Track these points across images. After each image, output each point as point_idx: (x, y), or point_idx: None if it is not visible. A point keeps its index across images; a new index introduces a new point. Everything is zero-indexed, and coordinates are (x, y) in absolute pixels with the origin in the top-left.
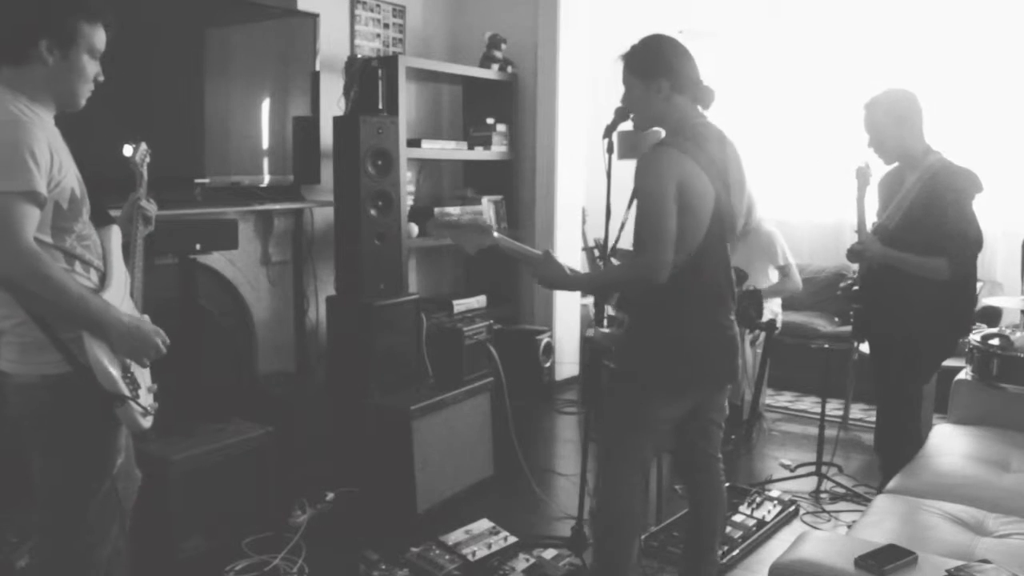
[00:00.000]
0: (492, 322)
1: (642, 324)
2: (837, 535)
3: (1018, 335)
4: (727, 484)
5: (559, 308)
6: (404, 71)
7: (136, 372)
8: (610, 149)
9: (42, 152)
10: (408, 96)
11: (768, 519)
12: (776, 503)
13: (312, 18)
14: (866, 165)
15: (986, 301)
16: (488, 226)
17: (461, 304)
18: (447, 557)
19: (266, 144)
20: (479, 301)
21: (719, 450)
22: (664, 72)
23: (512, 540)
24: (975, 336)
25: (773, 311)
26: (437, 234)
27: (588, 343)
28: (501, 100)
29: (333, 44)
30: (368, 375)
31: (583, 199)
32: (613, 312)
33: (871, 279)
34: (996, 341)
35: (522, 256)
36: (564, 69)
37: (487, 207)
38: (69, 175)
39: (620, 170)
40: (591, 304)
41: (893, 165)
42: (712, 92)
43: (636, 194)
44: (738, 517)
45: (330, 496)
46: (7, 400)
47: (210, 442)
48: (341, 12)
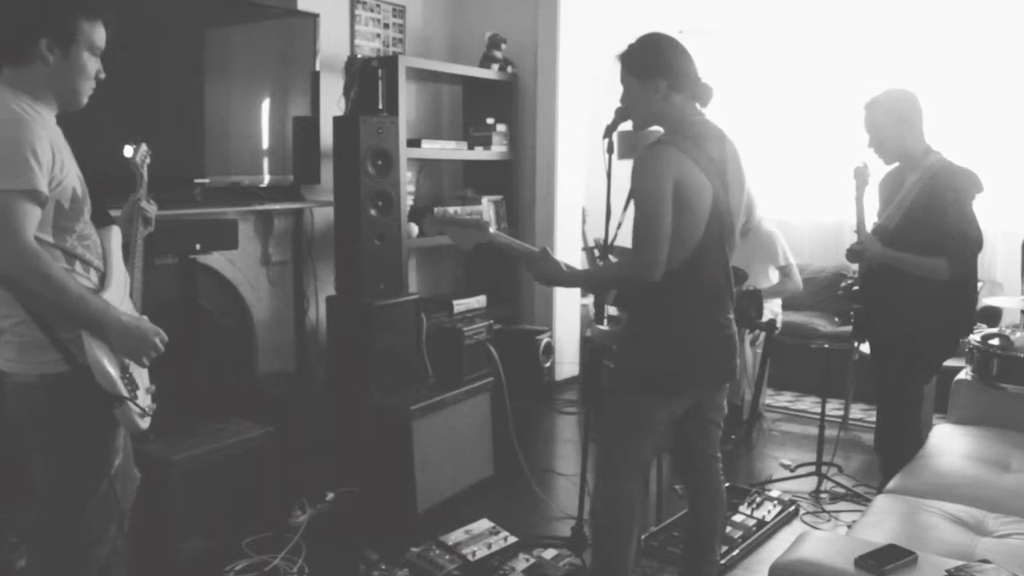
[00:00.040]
0: (492, 322)
1: (640, 322)
2: (837, 535)
3: (1018, 335)
4: (727, 484)
5: (559, 308)
6: (404, 71)
7: (134, 373)
8: (610, 149)
9: (44, 151)
10: (408, 96)
11: (768, 519)
12: (776, 503)
13: (312, 18)
14: (864, 165)
15: (986, 301)
16: (484, 222)
17: (461, 304)
18: (447, 557)
19: (266, 144)
20: (479, 301)
21: (718, 450)
22: (661, 71)
23: (512, 540)
24: (975, 336)
25: (773, 311)
26: (434, 230)
27: (588, 343)
28: (501, 100)
29: (333, 44)
30: (368, 375)
31: (583, 199)
32: (614, 311)
33: (871, 279)
34: (996, 341)
35: (519, 252)
36: (564, 69)
37: (487, 207)
38: (71, 174)
39: (620, 170)
40: (591, 304)
41: (893, 165)
42: (710, 89)
43: (633, 193)
44: (738, 517)
45: (330, 496)
46: (5, 399)
47: (210, 442)
48: (341, 12)
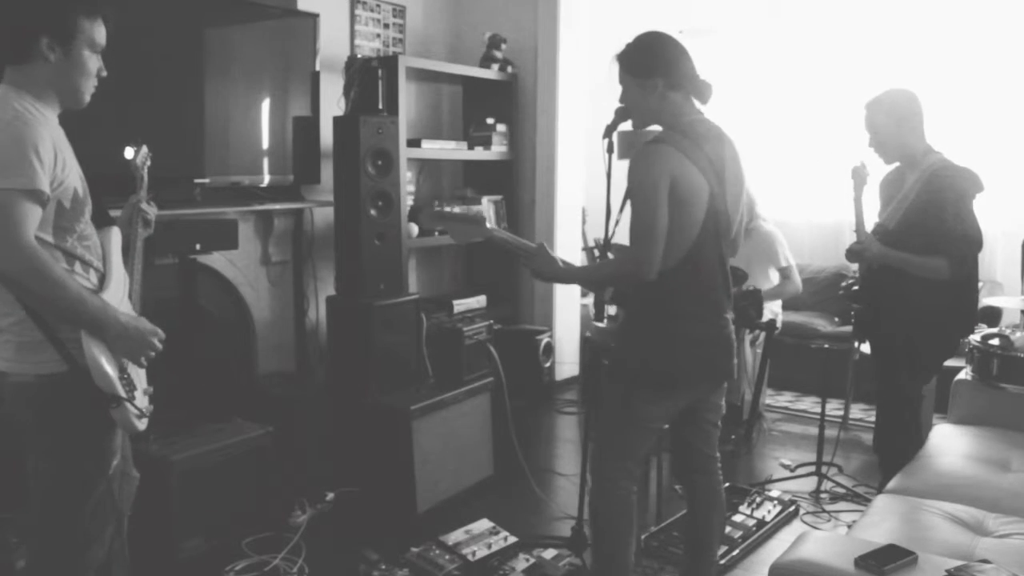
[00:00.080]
0: (492, 322)
1: (636, 319)
2: (837, 535)
3: (1018, 335)
4: (727, 484)
5: (559, 308)
6: (404, 71)
7: (132, 374)
8: (610, 149)
9: (46, 151)
10: (408, 96)
11: (768, 519)
12: (776, 503)
13: (312, 18)
14: (862, 164)
15: (986, 301)
16: (481, 217)
17: (461, 304)
18: (447, 557)
19: (266, 144)
20: (479, 301)
21: (716, 450)
22: (658, 70)
23: (512, 540)
24: (975, 336)
25: (773, 311)
26: (430, 224)
27: (588, 343)
28: (501, 100)
29: (333, 44)
30: (368, 375)
31: (583, 199)
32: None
33: (871, 279)
34: (996, 341)
35: (516, 247)
36: (564, 69)
37: (487, 207)
38: (72, 175)
39: (620, 170)
40: (591, 304)
41: (894, 165)
42: (709, 87)
43: (629, 191)
44: (738, 517)
45: (330, 496)
46: (2, 399)
47: (210, 442)
48: (341, 12)
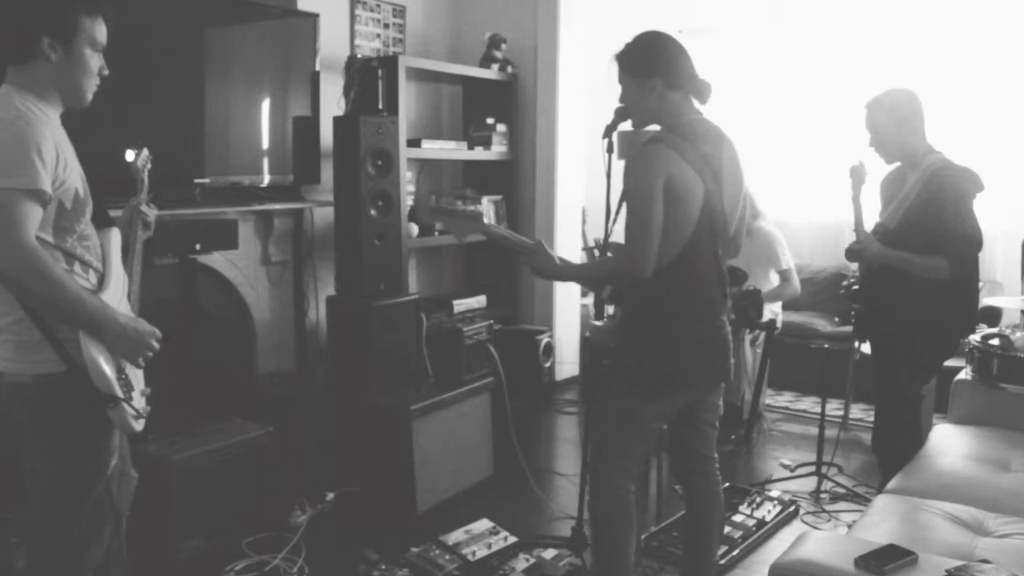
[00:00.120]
0: (492, 322)
1: (632, 318)
2: (837, 535)
3: (1018, 335)
4: (726, 484)
5: (559, 308)
6: (404, 71)
7: (130, 374)
8: (610, 149)
9: (49, 151)
10: (408, 96)
11: (768, 519)
12: (776, 503)
13: (312, 18)
14: (860, 164)
15: (986, 301)
16: (478, 213)
17: (461, 304)
18: (447, 557)
19: (266, 144)
20: (479, 301)
21: (714, 451)
22: (656, 69)
23: (512, 540)
24: (975, 336)
25: (773, 311)
26: (428, 219)
27: (588, 343)
28: (501, 100)
29: (333, 44)
30: (368, 375)
31: (583, 199)
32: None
33: (871, 279)
34: (996, 341)
35: (514, 244)
36: (564, 69)
37: (487, 207)
38: (74, 175)
39: (620, 170)
40: (591, 304)
41: (895, 165)
42: (708, 86)
43: (624, 190)
44: (738, 517)
45: (330, 496)
46: (0, 398)
47: (210, 442)
48: (341, 12)
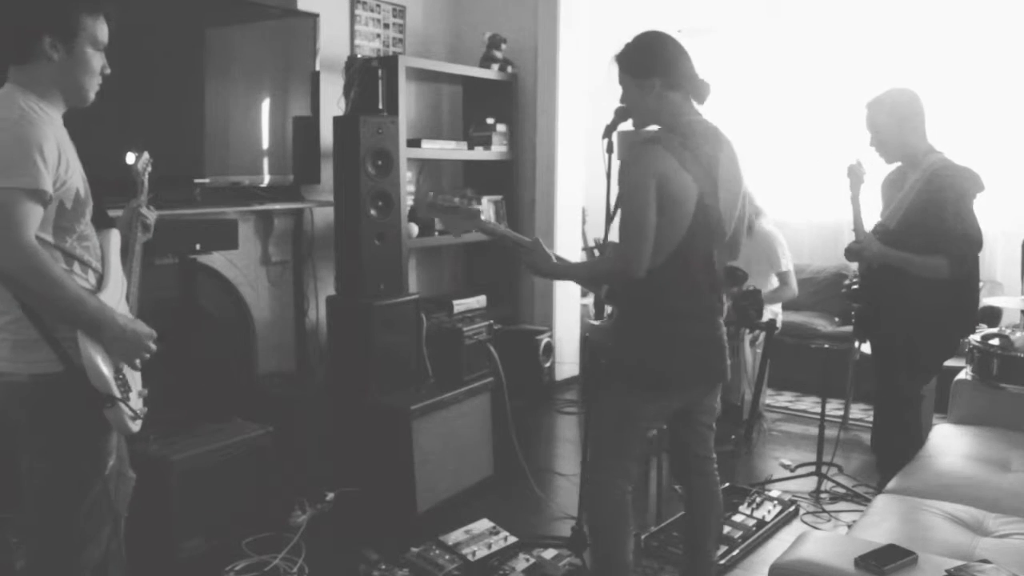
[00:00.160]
0: (492, 322)
1: (627, 317)
2: (837, 535)
3: (1018, 335)
4: (726, 484)
5: (559, 308)
6: (404, 71)
7: (128, 375)
8: (610, 149)
9: (50, 151)
10: (408, 96)
11: (768, 519)
12: (776, 503)
13: (312, 18)
14: (859, 163)
15: (986, 301)
16: (475, 209)
17: (461, 304)
18: (447, 557)
19: (266, 144)
20: (479, 301)
21: (712, 451)
22: (656, 69)
23: (512, 540)
24: (975, 336)
25: (773, 311)
26: (425, 215)
27: (588, 343)
28: (501, 100)
29: (333, 44)
30: (368, 375)
31: (583, 199)
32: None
33: (871, 279)
34: (996, 341)
35: (511, 241)
36: (564, 69)
37: (487, 207)
38: (75, 175)
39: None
40: (591, 304)
41: (895, 165)
42: (708, 86)
43: (619, 190)
44: (738, 517)
45: (330, 496)
46: None
47: (210, 442)
48: (341, 12)
